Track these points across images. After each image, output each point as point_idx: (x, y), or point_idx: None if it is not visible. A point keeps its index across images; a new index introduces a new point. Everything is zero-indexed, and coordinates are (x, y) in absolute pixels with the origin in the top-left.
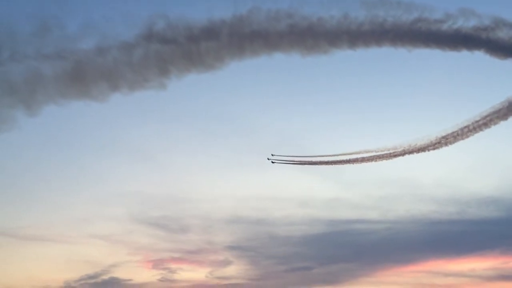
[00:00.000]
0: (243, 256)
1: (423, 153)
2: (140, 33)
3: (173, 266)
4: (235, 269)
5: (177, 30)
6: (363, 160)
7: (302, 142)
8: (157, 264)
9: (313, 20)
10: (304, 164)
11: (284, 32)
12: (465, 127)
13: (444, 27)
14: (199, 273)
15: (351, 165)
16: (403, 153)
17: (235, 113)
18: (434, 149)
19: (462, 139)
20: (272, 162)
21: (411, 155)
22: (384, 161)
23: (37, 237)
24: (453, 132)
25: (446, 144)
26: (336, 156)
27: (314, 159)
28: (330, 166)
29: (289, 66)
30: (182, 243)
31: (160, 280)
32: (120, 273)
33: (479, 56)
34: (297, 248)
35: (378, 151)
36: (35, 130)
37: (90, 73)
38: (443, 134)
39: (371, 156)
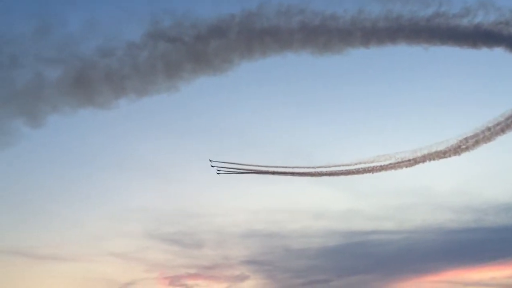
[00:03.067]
0: (260, 270)
1: (443, 159)
2: (146, 31)
3: (189, 282)
4: (252, 284)
5: (184, 28)
6: (379, 169)
7: (315, 151)
8: (173, 280)
9: (325, 15)
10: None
11: (295, 29)
12: (487, 129)
13: (464, 22)
14: None
15: (364, 175)
16: (423, 159)
17: (246, 123)
18: (455, 154)
19: (485, 142)
20: (218, 173)
21: (430, 162)
22: (404, 169)
23: (52, 256)
24: (474, 135)
25: (467, 149)
26: (348, 166)
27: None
28: (332, 176)
29: (299, 67)
30: (198, 259)
31: None
32: None
33: (499, 53)
34: (314, 260)
35: (396, 159)
36: (41, 142)
37: (95, 77)
38: (464, 137)
39: (388, 164)
